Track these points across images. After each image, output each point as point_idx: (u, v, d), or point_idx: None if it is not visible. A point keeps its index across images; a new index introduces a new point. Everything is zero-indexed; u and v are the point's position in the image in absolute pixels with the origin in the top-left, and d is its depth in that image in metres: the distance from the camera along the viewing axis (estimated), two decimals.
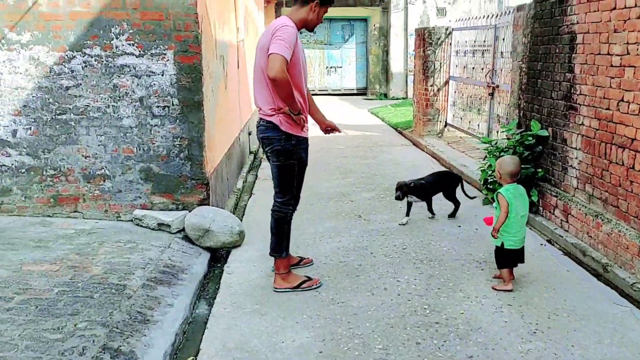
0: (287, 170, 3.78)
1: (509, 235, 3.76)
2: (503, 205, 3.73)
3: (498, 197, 3.79)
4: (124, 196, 4.83)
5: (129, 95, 4.67)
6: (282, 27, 3.48)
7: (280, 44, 3.38)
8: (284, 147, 3.70)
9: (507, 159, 3.99)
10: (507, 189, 3.80)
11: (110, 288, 3.52)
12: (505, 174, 3.81)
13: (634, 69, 3.82)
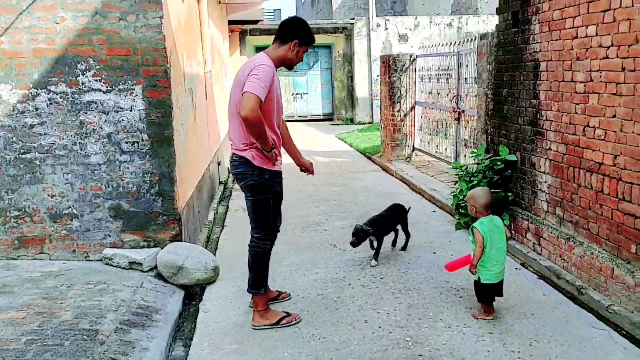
0: (262, 205, 3.73)
1: (484, 270, 3.71)
2: (479, 240, 3.67)
3: (473, 232, 3.72)
4: (93, 235, 4.68)
5: (96, 132, 4.56)
6: (259, 65, 3.46)
7: (255, 83, 3.36)
8: (258, 181, 3.65)
9: (478, 191, 3.90)
10: (481, 222, 3.73)
11: (82, 334, 3.37)
12: (480, 206, 3.77)
13: (598, 96, 3.95)
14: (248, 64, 3.56)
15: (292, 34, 3.63)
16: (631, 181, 3.64)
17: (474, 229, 3.71)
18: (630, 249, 3.68)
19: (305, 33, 3.67)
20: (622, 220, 3.76)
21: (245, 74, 3.48)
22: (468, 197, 3.90)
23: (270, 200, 3.71)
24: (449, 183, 7.66)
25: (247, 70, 3.49)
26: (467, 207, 3.90)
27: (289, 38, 3.62)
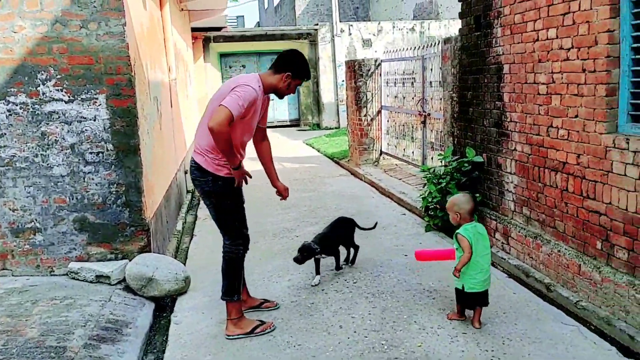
0: (222, 211, 3.71)
1: (469, 278, 3.60)
2: (466, 246, 3.56)
3: (458, 238, 3.62)
4: (57, 249, 4.54)
5: (58, 143, 4.43)
6: (244, 85, 3.48)
7: (233, 100, 3.37)
8: (213, 188, 3.65)
9: (462, 197, 3.77)
10: (466, 229, 3.62)
11: (49, 351, 3.26)
12: (465, 213, 3.66)
13: (560, 97, 4.04)
14: (236, 79, 3.59)
15: (286, 65, 3.65)
16: (594, 179, 3.74)
17: (458, 235, 3.61)
18: (595, 246, 3.78)
19: (299, 67, 3.68)
20: (587, 217, 3.85)
21: (229, 87, 3.50)
22: (451, 204, 3.73)
23: (229, 205, 3.68)
24: (417, 186, 7.73)
25: (232, 84, 3.52)
26: (450, 216, 3.73)
27: (283, 69, 3.64)
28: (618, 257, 3.57)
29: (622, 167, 3.46)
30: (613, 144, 3.53)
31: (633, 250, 3.43)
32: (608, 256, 3.67)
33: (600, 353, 3.28)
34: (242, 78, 3.59)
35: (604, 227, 3.68)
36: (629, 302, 3.42)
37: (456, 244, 3.65)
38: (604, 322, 3.58)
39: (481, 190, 5.41)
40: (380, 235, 5.87)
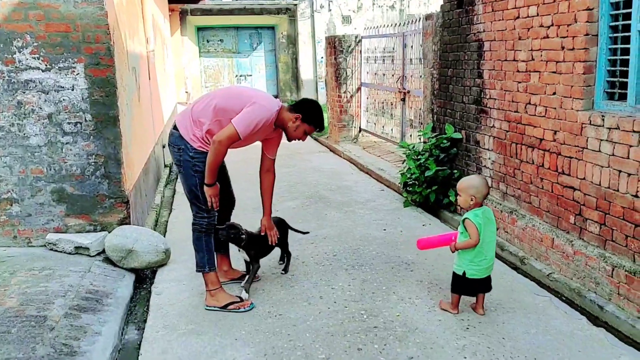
0: (189, 182, 3.67)
1: (472, 265, 3.39)
2: (473, 233, 3.32)
3: (466, 224, 3.36)
4: (35, 220, 4.49)
5: (35, 112, 4.35)
6: (263, 105, 3.54)
7: (245, 120, 3.45)
8: (183, 157, 3.63)
9: (479, 180, 3.46)
10: (476, 214, 3.36)
11: (29, 320, 3.25)
12: (481, 197, 3.39)
13: (539, 74, 4.11)
14: (261, 94, 3.67)
15: (300, 107, 3.71)
16: (570, 155, 3.83)
17: (466, 221, 3.36)
18: (569, 220, 3.89)
19: (311, 113, 3.69)
20: (561, 192, 3.96)
21: (251, 97, 3.56)
22: (465, 186, 3.41)
23: (196, 179, 3.63)
24: (395, 163, 7.81)
25: (255, 95, 3.59)
26: (461, 198, 3.44)
27: (296, 110, 3.69)
28: (590, 231, 3.69)
29: (596, 143, 3.56)
30: (589, 121, 3.62)
31: (604, 224, 3.55)
32: (580, 230, 3.78)
33: (571, 322, 3.41)
34: (267, 96, 3.68)
35: (578, 202, 3.79)
36: (599, 274, 3.55)
37: (462, 229, 3.41)
38: (575, 293, 3.71)
39: (459, 167, 5.50)
40: (359, 210, 5.94)
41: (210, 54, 18.54)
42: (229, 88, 3.91)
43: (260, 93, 3.70)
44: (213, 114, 3.56)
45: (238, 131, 3.43)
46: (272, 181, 3.95)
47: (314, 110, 3.71)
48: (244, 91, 3.72)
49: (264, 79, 19.15)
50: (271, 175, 3.93)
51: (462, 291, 3.50)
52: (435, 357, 3.05)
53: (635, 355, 3.02)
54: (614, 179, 3.43)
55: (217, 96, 3.66)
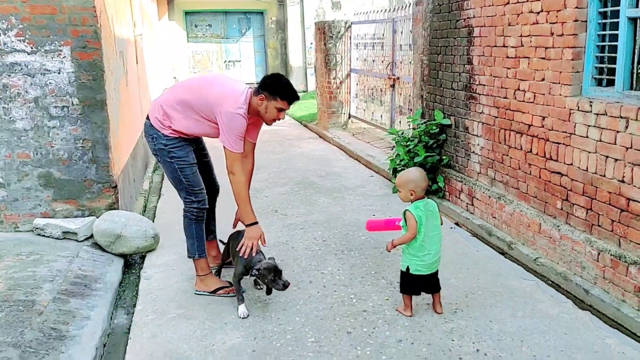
0: (169, 170, 3.64)
1: (415, 259, 3.25)
2: (412, 225, 3.20)
3: (406, 216, 3.24)
4: (22, 205, 4.45)
5: (21, 96, 4.29)
6: (234, 114, 3.34)
7: (231, 138, 3.36)
8: (157, 146, 3.60)
9: (416, 174, 3.31)
10: (417, 206, 3.23)
11: (17, 305, 3.24)
12: (421, 191, 3.26)
13: (528, 60, 4.12)
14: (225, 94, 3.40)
15: (262, 87, 3.43)
16: (557, 141, 3.86)
17: (407, 213, 3.24)
18: (556, 205, 3.93)
19: (274, 87, 3.41)
20: (548, 178, 3.99)
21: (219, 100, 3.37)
22: (404, 180, 3.28)
23: (174, 165, 3.59)
24: (384, 149, 7.82)
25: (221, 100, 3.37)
26: (401, 193, 3.31)
27: (260, 90, 3.42)
28: (577, 216, 3.73)
29: (584, 129, 3.59)
30: (577, 107, 3.64)
31: (591, 209, 3.59)
32: (567, 215, 3.83)
33: (557, 305, 3.45)
34: (229, 95, 3.39)
35: (565, 188, 3.83)
36: (585, 258, 3.60)
37: (403, 222, 3.30)
38: (561, 277, 3.76)
39: (448, 153, 5.52)
40: (349, 196, 5.96)
41: (198, 39, 18.37)
42: (190, 80, 3.77)
43: (220, 91, 3.43)
44: (178, 106, 3.51)
45: (234, 150, 3.39)
46: (251, 169, 3.76)
47: (276, 82, 3.42)
48: (204, 85, 3.54)
49: (253, 65, 19.03)
50: (249, 162, 3.72)
51: (408, 290, 3.33)
52: (424, 339, 3.09)
53: (619, 338, 3.08)
54: (601, 164, 3.47)
55: (178, 88, 3.63)
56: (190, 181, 3.63)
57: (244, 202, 3.49)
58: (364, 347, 3.02)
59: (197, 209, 3.69)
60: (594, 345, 3.00)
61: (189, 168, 3.62)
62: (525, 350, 2.97)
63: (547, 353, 2.93)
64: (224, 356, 2.97)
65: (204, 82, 3.62)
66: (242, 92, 3.43)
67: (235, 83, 3.54)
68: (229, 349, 3.03)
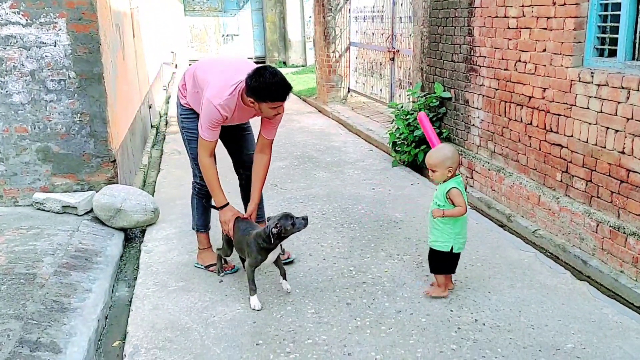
0: (182, 139, 3.64)
1: (459, 238, 3.13)
2: (462, 201, 3.04)
3: (452, 195, 3.02)
4: (21, 179, 4.44)
5: (17, 69, 4.25)
6: (208, 103, 3.14)
7: (202, 123, 3.22)
8: (177, 113, 3.62)
9: (450, 149, 3.12)
10: (458, 182, 3.07)
11: (19, 278, 3.25)
12: (457, 165, 3.10)
13: (529, 31, 4.07)
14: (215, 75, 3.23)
15: (248, 89, 3.07)
16: (558, 113, 3.84)
17: (453, 190, 3.02)
18: (555, 177, 3.93)
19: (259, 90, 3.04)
20: (548, 150, 3.98)
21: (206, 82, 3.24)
22: (439, 159, 3.05)
23: (184, 135, 3.57)
24: (384, 123, 7.78)
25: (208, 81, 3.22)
26: (437, 173, 3.07)
27: (247, 92, 3.09)
28: (576, 188, 3.73)
29: (585, 100, 3.56)
30: (578, 78, 3.61)
31: (591, 180, 3.58)
32: (567, 187, 3.82)
33: (555, 276, 3.48)
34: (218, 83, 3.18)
35: (565, 159, 3.82)
36: (584, 230, 3.61)
37: (442, 200, 3.07)
38: (560, 249, 3.77)
39: (448, 126, 5.49)
40: (348, 170, 5.95)
41: (195, 12, 18.14)
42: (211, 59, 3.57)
43: (214, 78, 3.22)
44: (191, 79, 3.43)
45: (204, 137, 3.25)
46: (266, 165, 3.48)
47: (259, 86, 3.01)
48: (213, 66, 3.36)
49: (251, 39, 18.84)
50: (265, 157, 3.45)
51: (451, 269, 3.22)
52: (423, 310, 3.11)
53: (617, 308, 3.10)
54: (601, 136, 3.45)
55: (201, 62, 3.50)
56: (195, 154, 3.50)
57: (213, 187, 3.37)
58: (364, 318, 3.05)
59: (199, 184, 3.66)
60: (592, 315, 3.03)
61: (196, 141, 3.43)
62: (523, 320, 2.99)
63: (544, 323, 2.96)
64: (225, 327, 3.00)
65: (215, 65, 3.40)
66: (232, 85, 3.16)
67: (233, 74, 3.20)
68: (230, 320, 3.05)
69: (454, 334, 2.88)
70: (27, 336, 2.71)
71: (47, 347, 2.67)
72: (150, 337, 2.93)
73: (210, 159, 3.33)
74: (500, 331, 2.89)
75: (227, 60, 3.48)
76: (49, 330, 2.81)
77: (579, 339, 2.81)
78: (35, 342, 2.68)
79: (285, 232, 3.11)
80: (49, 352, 2.64)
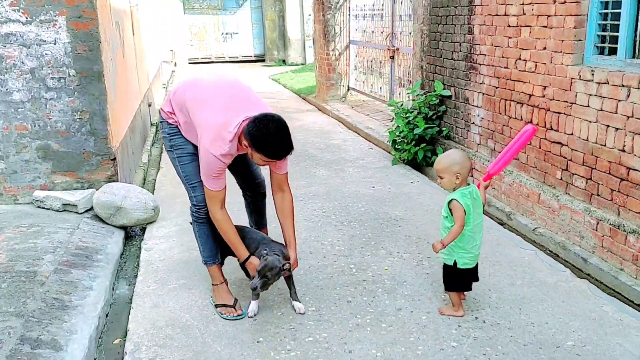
0: (170, 160, 3.24)
1: (462, 252, 2.92)
2: (460, 216, 2.81)
3: (451, 205, 2.84)
4: (21, 177, 4.44)
5: (17, 67, 4.25)
6: (205, 151, 2.83)
7: (204, 174, 2.93)
8: (162, 134, 3.23)
9: (460, 155, 2.91)
10: (463, 194, 2.83)
11: (19, 276, 3.25)
12: (465, 173, 2.87)
13: (529, 29, 4.07)
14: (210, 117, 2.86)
15: (248, 134, 2.76)
16: (558, 111, 3.84)
17: (453, 202, 2.84)
18: (555, 175, 3.93)
19: (258, 142, 2.75)
20: (548, 148, 3.98)
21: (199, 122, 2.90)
22: (446, 164, 2.86)
23: (173, 154, 3.16)
24: (384, 122, 7.78)
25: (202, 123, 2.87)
26: (445, 179, 2.87)
27: (246, 136, 2.78)
28: (576, 186, 3.73)
29: (585, 98, 3.56)
30: (578, 76, 3.61)
31: (591, 178, 3.59)
32: (567, 185, 3.83)
33: (555, 274, 3.48)
34: (214, 128, 2.83)
35: (565, 157, 3.82)
36: (584, 228, 3.61)
37: (446, 212, 2.90)
38: (560, 247, 3.78)
39: (448, 124, 5.50)
40: (348, 169, 5.96)
41: (195, 10, 18.13)
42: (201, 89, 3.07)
43: (210, 120, 2.86)
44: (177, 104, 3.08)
45: (209, 188, 2.94)
46: (291, 205, 3.19)
47: (261, 138, 2.73)
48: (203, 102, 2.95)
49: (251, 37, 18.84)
50: (287, 196, 3.18)
51: (458, 286, 3.02)
52: (423, 308, 3.12)
53: (617, 305, 3.11)
54: (602, 133, 3.45)
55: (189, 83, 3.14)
56: (187, 172, 3.15)
57: (231, 243, 3.05)
58: (364, 315, 3.06)
59: (195, 206, 3.18)
60: (592, 312, 3.03)
61: (187, 157, 3.13)
62: (523, 317, 3.00)
63: (545, 320, 2.96)
64: (225, 325, 3.00)
65: (207, 99, 2.96)
66: (232, 129, 2.82)
67: (232, 113, 2.85)
68: (231, 319, 3.05)
69: (454, 331, 2.89)
70: (28, 334, 2.71)
71: (48, 345, 2.68)
72: (151, 334, 2.93)
73: (222, 212, 3.00)
74: (501, 329, 2.89)
75: (221, 90, 3.04)
76: (50, 328, 2.81)
77: (579, 336, 2.82)
78: (36, 340, 2.68)
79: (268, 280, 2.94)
80: (50, 349, 2.65)
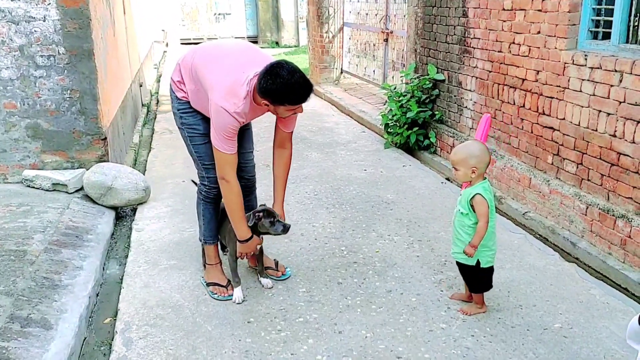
0: (182, 138, 3.15)
1: (486, 250, 2.77)
2: (484, 212, 2.65)
3: (476, 202, 2.67)
4: (10, 156, 4.40)
5: (6, 44, 4.18)
6: (217, 109, 2.70)
7: (215, 133, 2.77)
8: (173, 109, 3.12)
9: (478, 147, 2.76)
10: (485, 188, 2.70)
11: (9, 255, 3.24)
12: (484, 167, 2.72)
13: (524, 12, 4.06)
14: (220, 75, 2.75)
15: (263, 90, 2.65)
16: (551, 95, 3.84)
17: (477, 197, 2.67)
18: (547, 160, 3.95)
19: (277, 94, 2.64)
20: (540, 133, 3.99)
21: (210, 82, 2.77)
22: (463, 156, 2.71)
23: (185, 132, 3.07)
24: (376, 105, 7.76)
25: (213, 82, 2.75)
26: (459, 172, 2.74)
27: (261, 93, 2.67)
28: (567, 171, 3.75)
29: (578, 83, 3.56)
30: (572, 60, 3.60)
31: (581, 163, 3.61)
32: (557, 170, 3.85)
33: (544, 258, 3.51)
34: (226, 84, 2.73)
35: (556, 142, 3.83)
36: (574, 212, 3.64)
37: (466, 208, 2.73)
38: (549, 231, 3.81)
39: (440, 108, 5.49)
40: (340, 152, 5.95)
41: None
42: (213, 44, 3.07)
43: (220, 78, 2.75)
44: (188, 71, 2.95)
45: (221, 150, 2.80)
46: (288, 161, 3.13)
47: (277, 88, 2.62)
48: (217, 55, 2.88)
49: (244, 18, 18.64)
50: (286, 152, 3.10)
51: (485, 286, 2.88)
52: (413, 290, 3.14)
53: (604, 289, 3.14)
54: (593, 119, 3.46)
55: (200, 48, 3.01)
56: (201, 153, 3.06)
57: (237, 217, 2.91)
58: (354, 297, 3.07)
59: (206, 186, 3.13)
60: (579, 295, 3.07)
61: (199, 138, 3.04)
62: (512, 300, 3.03)
63: (532, 303, 3.00)
64: (216, 305, 3.01)
65: (216, 58, 2.87)
66: (243, 85, 2.72)
67: (241, 70, 2.76)
68: (221, 299, 3.06)
69: (444, 313, 2.91)
70: (18, 312, 2.70)
71: (37, 323, 2.67)
72: (142, 314, 2.93)
73: (236, 179, 2.86)
74: (489, 311, 2.92)
75: (229, 50, 2.95)
76: (40, 307, 2.81)
77: (567, 319, 2.85)
78: (26, 318, 2.67)
79: (261, 227, 2.98)
80: (40, 328, 2.64)
